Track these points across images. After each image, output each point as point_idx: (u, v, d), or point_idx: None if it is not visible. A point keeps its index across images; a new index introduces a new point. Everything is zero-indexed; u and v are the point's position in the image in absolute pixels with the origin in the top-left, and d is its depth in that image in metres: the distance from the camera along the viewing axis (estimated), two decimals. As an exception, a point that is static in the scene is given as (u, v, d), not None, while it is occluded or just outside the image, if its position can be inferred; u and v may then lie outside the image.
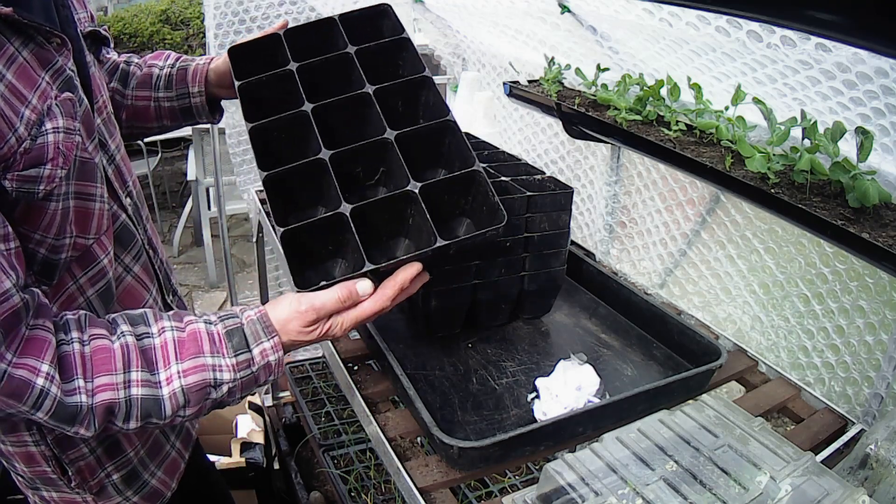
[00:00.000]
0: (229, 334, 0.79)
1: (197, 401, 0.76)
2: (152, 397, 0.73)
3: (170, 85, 1.14)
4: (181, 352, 0.76)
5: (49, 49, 0.76)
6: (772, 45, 1.12)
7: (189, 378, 0.75)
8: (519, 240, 1.19)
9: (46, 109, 0.73)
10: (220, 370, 0.77)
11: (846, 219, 1.02)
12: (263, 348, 0.79)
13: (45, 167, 0.72)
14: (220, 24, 2.23)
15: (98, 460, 0.92)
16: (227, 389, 0.78)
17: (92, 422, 0.71)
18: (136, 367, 0.73)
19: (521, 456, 1.00)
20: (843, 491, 0.83)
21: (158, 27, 5.03)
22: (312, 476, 2.25)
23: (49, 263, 0.78)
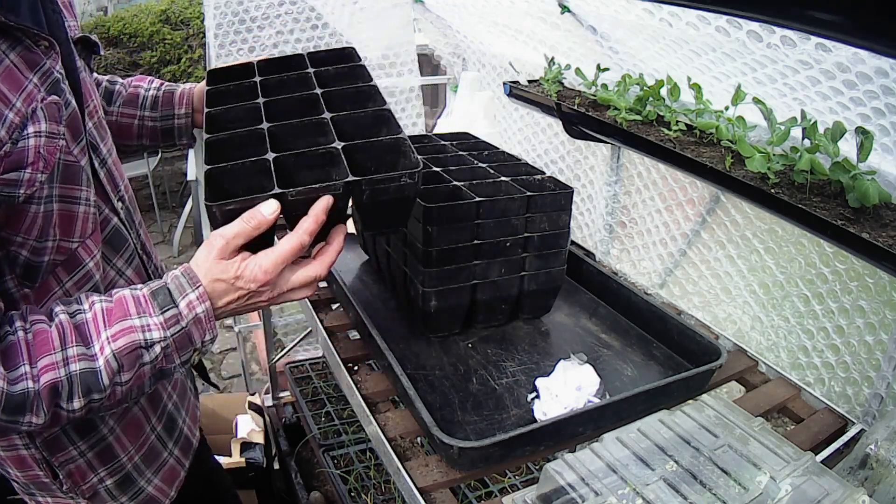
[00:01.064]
0: (154, 294, 0.78)
1: (130, 364, 0.75)
2: (89, 370, 0.73)
3: (155, 106, 1.19)
4: (109, 319, 0.75)
5: (37, 52, 0.77)
6: (772, 45, 1.12)
7: (118, 342, 0.74)
8: (519, 240, 1.20)
9: (31, 113, 0.73)
10: (148, 329, 0.76)
11: (846, 219, 1.02)
12: (189, 300, 0.78)
13: (26, 171, 0.72)
14: (220, 24, 2.23)
15: (89, 464, 0.92)
16: (161, 350, 0.77)
17: (40, 406, 0.71)
18: (71, 342, 0.73)
19: (521, 456, 1.00)
20: (843, 491, 0.83)
21: (158, 27, 5.03)
22: (312, 476, 2.25)
23: (31, 266, 0.79)
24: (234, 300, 0.81)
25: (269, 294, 0.82)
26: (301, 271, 0.83)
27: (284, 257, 0.81)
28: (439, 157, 1.37)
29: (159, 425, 1.01)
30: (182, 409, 1.08)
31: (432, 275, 1.15)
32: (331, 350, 1.25)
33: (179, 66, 5.08)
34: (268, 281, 0.80)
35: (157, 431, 1.01)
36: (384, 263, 1.39)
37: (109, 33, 4.94)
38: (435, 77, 2.79)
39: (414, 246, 1.16)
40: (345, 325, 1.33)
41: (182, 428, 1.07)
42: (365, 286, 1.46)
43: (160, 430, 1.01)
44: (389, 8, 2.38)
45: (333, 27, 2.35)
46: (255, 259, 0.80)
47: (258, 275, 0.80)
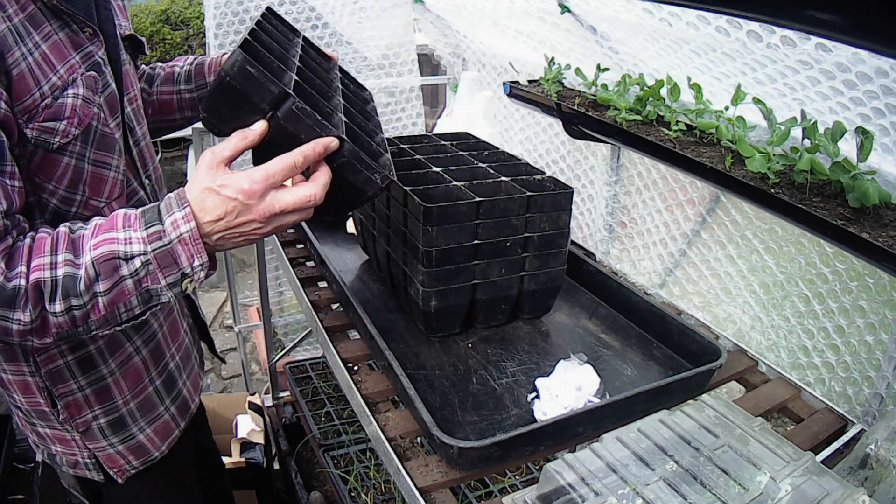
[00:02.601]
0: (144, 212, 0.81)
1: (107, 273, 0.77)
2: (71, 275, 0.77)
3: (189, 78, 1.26)
4: (98, 231, 0.80)
5: (82, 36, 0.90)
6: (772, 45, 1.12)
7: (97, 250, 0.78)
8: (519, 240, 1.20)
9: (72, 80, 0.86)
10: (129, 242, 0.78)
11: (846, 219, 1.02)
12: (174, 218, 0.79)
13: (62, 122, 0.84)
14: (220, 24, 2.23)
15: (86, 399, 1.00)
16: (142, 264, 0.78)
17: (27, 303, 0.76)
18: (62, 249, 0.78)
19: (521, 456, 1.00)
20: (843, 491, 0.83)
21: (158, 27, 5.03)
22: (312, 476, 2.25)
23: (59, 214, 0.88)
24: (222, 215, 0.80)
25: (260, 210, 0.81)
26: (294, 189, 0.83)
27: (275, 169, 0.81)
28: (439, 157, 1.37)
29: (158, 379, 1.09)
30: (184, 373, 1.15)
31: (432, 275, 1.15)
32: (331, 350, 1.25)
33: (179, 66, 5.08)
34: (254, 191, 0.80)
35: (155, 384, 1.08)
36: (384, 263, 1.39)
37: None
38: (435, 77, 2.79)
39: (414, 246, 1.16)
40: (345, 325, 1.33)
41: (181, 389, 1.14)
42: (365, 286, 1.46)
43: (159, 384, 1.09)
44: (389, 8, 2.38)
45: (333, 27, 2.35)
46: (245, 171, 0.81)
47: (244, 183, 0.79)
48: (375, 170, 0.89)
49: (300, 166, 0.83)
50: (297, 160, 0.82)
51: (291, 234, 1.72)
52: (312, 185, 0.83)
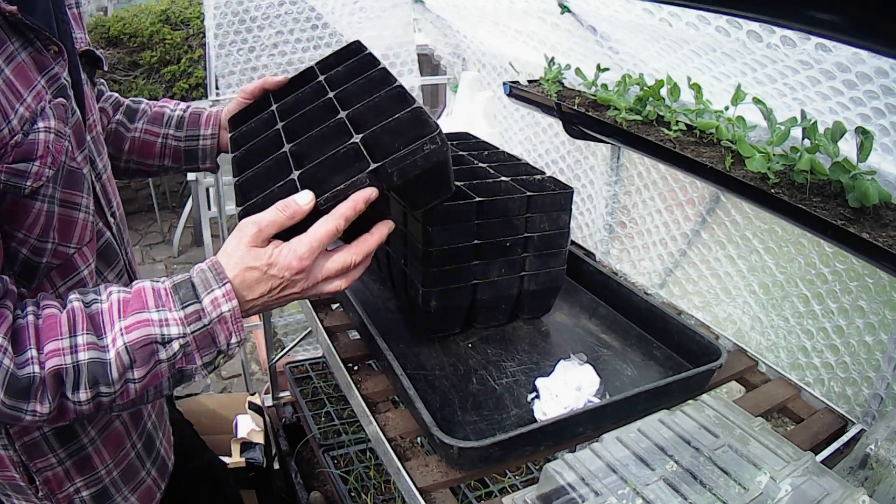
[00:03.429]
0: (176, 288, 0.75)
1: (143, 359, 0.71)
2: (98, 360, 0.70)
3: (181, 125, 1.18)
4: (125, 310, 0.72)
5: (46, 56, 0.77)
6: (772, 45, 1.12)
7: (132, 334, 0.70)
8: (519, 240, 1.20)
9: (40, 110, 0.74)
10: (166, 324, 0.72)
11: (846, 219, 1.02)
12: (214, 297, 0.74)
13: (34, 163, 0.72)
14: (220, 24, 2.23)
15: (67, 473, 0.90)
16: (180, 347, 0.73)
17: (45, 393, 0.68)
18: (82, 330, 0.70)
19: (521, 456, 1.00)
20: (843, 491, 0.83)
21: (158, 27, 5.03)
22: (312, 476, 2.25)
23: (30, 265, 0.78)
24: (266, 292, 0.77)
25: (304, 284, 0.79)
26: (335, 257, 0.80)
27: (320, 240, 0.77)
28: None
29: (139, 443, 0.99)
30: (160, 430, 1.06)
31: (432, 275, 1.15)
32: (331, 350, 1.25)
33: (179, 66, 5.08)
34: (303, 268, 0.77)
35: (136, 449, 0.99)
36: (384, 263, 1.39)
37: (109, 33, 4.94)
38: (435, 77, 2.79)
39: (414, 246, 1.16)
40: (345, 325, 1.33)
41: (160, 449, 1.05)
42: (365, 286, 1.46)
43: (140, 448, 0.99)
44: (389, 8, 2.38)
45: (333, 27, 2.35)
46: (289, 245, 0.77)
47: (292, 262, 0.76)
48: (419, 148, 0.82)
49: (341, 229, 0.79)
50: (339, 225, 0.78)
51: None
52: (352, 249, 0.81)
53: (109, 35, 4.95)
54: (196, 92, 5.12)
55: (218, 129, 1.20)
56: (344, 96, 1.02)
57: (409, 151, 0.82)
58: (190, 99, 5.10)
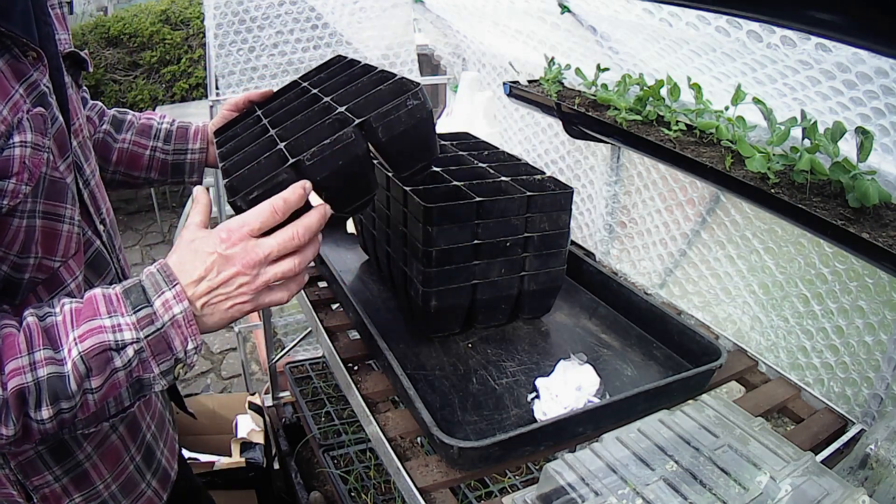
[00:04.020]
0: (127, 292, 0.72)
1: (99, 368, 0.69)
2: (57, 374, 0.68)
3: (169, 139, 1.18)
4: (77, 319, 0.70)
5: (24, 62, 0.74)
6: (772, 45, 1.12)
7: (85, 343, 0.69)
8: (519, 240, 1.20)
9: (17, 122, 0.70)
10: (119, 330, 0.70)
11: (846, 219, 1.02)
12: (165, 299, 0.72)
13: (10, 181, 0.70)
14: (220, 24, 2.23)
15: (64, 489, 0.88)
16: (135, 353, 0.70)
17: (9, 415, 0.66)
18: (38, 345, 0.68)
19: (521, 456, 1.00)
20: (843, 491, 0.83)
21: (158, 27, 5.03)
22: (312, 476, 2.26)
23: (11, 282, 0.75)
24: (203, 274, 0.73)
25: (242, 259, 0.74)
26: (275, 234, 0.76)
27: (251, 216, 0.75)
28: (439, 157, 1.37)
29: (138, 455, 0.98)
30: (160, 441, 1.04)
31: (432, 275, 1.15)
32: (331, 350, 1.25)
33: (179, 66, 5.08)
34: (231, 239, 0.74)
35: (135, 461, 0.97)
36: (384, 263, 1.39)
37: (109, 33, 4.95)
38: (435, 77, 2.80)
39: (414, 246, 1.16)
40: (345, 325, 1.33)
41: (160, 459, 1.03)
42: (365, 286, 1.46)
43: (139, 461, 0.98)
44: (389, 8, 2.38)
45: (333, 27, 2.35)
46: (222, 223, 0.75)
47: (220, 233, 0.74)
48: (402, 103, 0.84)
49: (280, 210, 0.75)
50: (276, 203, 0.75)
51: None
52: (293, 225, 0.76)
53: (109, 35, 4.95)
54: (196, 92, 5.12)
55: (206, 143, 1.21)
56: (328, 88, 1.03)
57: (392, 106, 0.83)
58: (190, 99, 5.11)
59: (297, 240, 0.76)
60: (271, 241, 0.75)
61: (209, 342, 3.86)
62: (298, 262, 0.78)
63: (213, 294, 0.74)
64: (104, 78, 4.94)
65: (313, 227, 0.78)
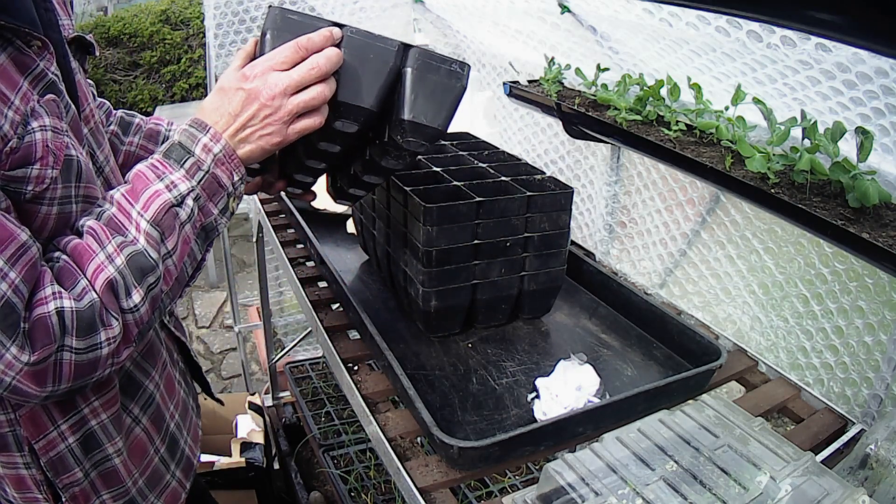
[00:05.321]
0: (167, 154, 0.78)
1: (170, 227, 0.74)
2: (135, 253, 0.72)
3: None
4: (133, 196, 0.75)
5: (28, 54, 0.73)
6: (772, 45, 1.12)
7: (150, 210, 0.73)
8: (519, 240, 1.20)
9: (30, 110, 0.71)
10: (173, 186, 0.75)
11: (846, 219, 1.02)
12: (203, 143, 0.77)
13: (34, 167, 0.70)
14: (220, 24, 2.23)
15: (93, 486, 0.87)
16: (193, 201, 0.76)
17: (108, 313, 0.70)
18: (107, 238, 0.72)
19: (521, 456, 1.00)
20: (843, 491, 0.83)
21: (158, 27, 5.03)
22: (312, 476, 2.26)
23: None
24: (231, 111, 0.79)
25: (264, 91, 0.78)
26: (297, 67, 0.79)
27: (275, 52, 0.79)
28: (439, 157, 1.37)
29: (163, 447, 0.98)
30: (184, 429, 1.04)
31: (432, 275, 1.15)
32: (331, 350, 1.25)
33: (179, 66, 5.08)
34: (255, 74, 0.78)
35: (160, 453, 0.97)
36: (384, 263, 1.39)
37: (109, 33, 4.94)
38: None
39: (414, 246, 1.16)
40: (345, 325, 1.33)
41: (184, 448, 1.04)
42: (365, 286, 1.46)
43: (164, 452, 0.98)
44: (389, 8, 2.38)
45: (333, 27, 2.35)
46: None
47: (245, 71, 0.79)
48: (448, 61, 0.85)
49: (304, 48, 0.79)
50: (301, 41, 0.79)
51: (291, 234, 1.72)
52: (313, 56, 0.79)
53: (109, 35, 4.95)
54: (196, 92, 5.12)
55: None
56: None
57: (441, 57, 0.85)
58: (190, 99, 5.11)
59: (317, 70, 0.79)
60: (291, 72, 0.78)
61: (209, 342, 3.86)
62: (321, 90, 0.80)
63: (242, 129, 0.79)
64: (104, 78, 4.94)
65: (333, 58, 0.80)
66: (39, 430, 0.80)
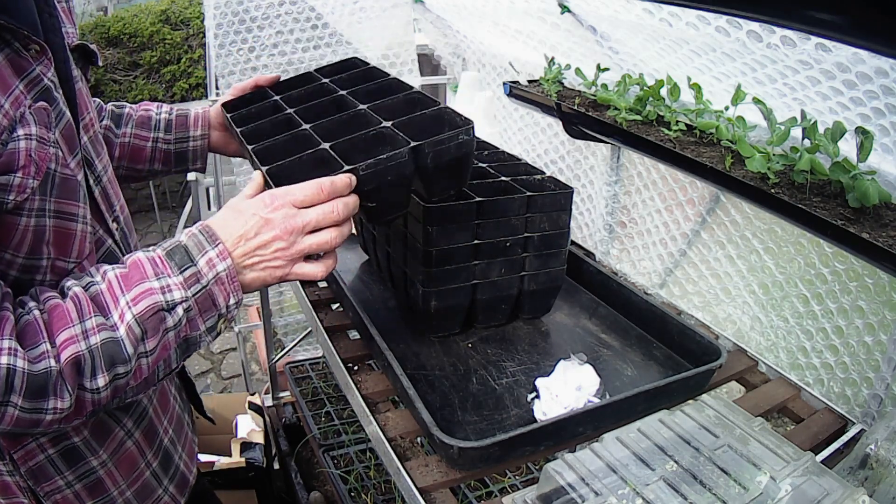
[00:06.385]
0: (170, 254, 0.75)
1: (154, 329, 0.71)
2: (111, 340, 0.69)
3: (169, 128, 1.17)
4: (126, 284, 0.72)
5: (26, 57, 0.72)
6: (772, 45, 1.12)
7: (139, 305, 0.70)
8: (519, 240, 1.20)
9: (19, 116, 0.69)
10: (168, 290, 0.72)
11: (846, 219, 1.02)
12: (209, 257, 0.74)
13: (16, 175, 0.68)
14: (220, 24, 2.23)
15: (77, 496, 0.86)
16: (184, 312, 0.73)
17: (64, 386, 0.67)
18: (89, 314, 0.69)
19: (521, 456, 1.00)
20: (843, 491, 0.83)
21: (158, 27, 5.03)
22: (312, 476, 2.26)
23: (23, 285, 0.74)
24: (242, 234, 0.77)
25: (282, 225, 0.77)
26: (317, 206, 0.79)
27: (297, 187, 0.79)
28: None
29: (155, 461, 0.96)
30: (178, 444, 1.03)
31: (432, 275, 1.15)
32: (331, 350, 1.25)
33: (179, 66, 5.08)
34: (275, 205, 0.77)
35: (152, 467, 0.95)
36: (384, 263, 1.39)
37: (109, 33, 4.94)
38: (435, 77, 2.79)
39: (414, 246, 1.16)
40: (345, 325, 1.33)
41: (178, 464, 1.01)
42: (365, 286, 1.46)
43: (156, 467, 0.96)
44: (389, 8, 2.38)
45: (333, 27, 2.35)
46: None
47: (264, 198, 0.78)
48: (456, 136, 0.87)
49: (326, 190, 0.79)
50: (324, 183, 0.79)
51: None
52: (334, 201, 0.79)
53: (109, 35, 4.95)
54: (196, 92, 5.12)
55: (208, 128, 1.19)
56: (354, 96, 1.04)
57: (446, 137, 0.87)
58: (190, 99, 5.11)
59: (337, 214, 0.80)
60: (311, 212, 0.78)
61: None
62: (335, 236, 0.81)
63: (251, 255, 0.77)
64: (104, 78, 4.94)
65: (351, 206, 0.82)
66: (17, 442, 0.79)
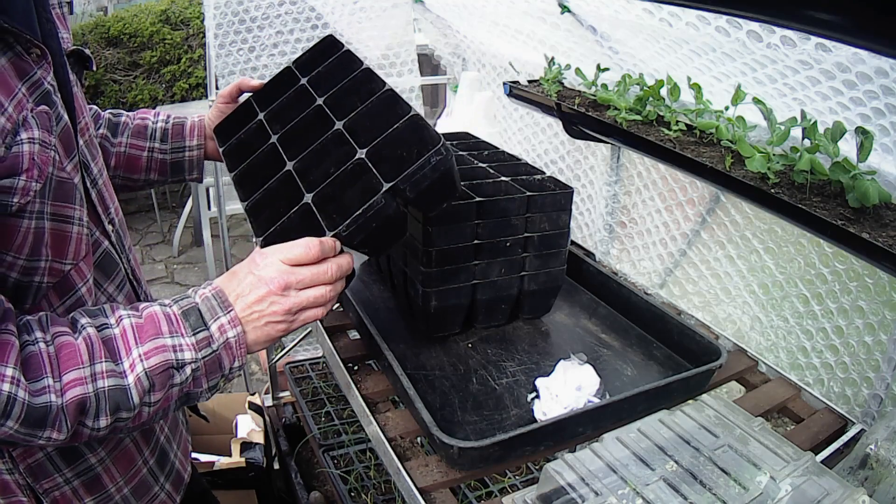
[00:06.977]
0: (185, 314, 0.77)
1: (161, 384, 0.73)
2: (118, 387, 0.71)
3: (165, 138, 1.17)
4: (140, 336, 0.74)
5: (27, 60, 0.73)
6: (772, 45, 1.12)
7: (151, 360, 0.73)
8: (519, 240, 1.20)
9: (22, 120, 0.70)
10: (180, 350, 0.74)
11: (846, 219, 1.02)
12: (221, 323, 0.77)
13: (20, 178, 0.69)
14: (220, 24, 2.23)
15: (75, 492, 0.87)
16: (191, 371, 0.75)
17: (63, 422, 0.68)
18: (99, 358, 0.71)
19: (521, 456, 1.00)
20: (843, 491, 0.83)
21: (158, 27, 5.03)
22: (312, 476, 2.25)
23: (21, 288, 0.75)
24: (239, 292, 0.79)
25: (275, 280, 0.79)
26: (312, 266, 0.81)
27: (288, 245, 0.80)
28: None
29: (151, 459, 0.97)
30: (174, 443, 1.04)
31: (432, 275, 1.15)
32: (331, 350, 1.25)
33: (179, 66, 5.08)
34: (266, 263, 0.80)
35: (149, 465, 0.97)
36: (384, 263, 1.39)
37: (109, 33, 4.94)
38: (435, 77, 2.79)
39: (414, 246, 1.16)
40: (345, 325, 1.33)
41: (174, 462, 1.03)
42: (365, 286, 1.46)
43: (153, 464, 0.98)
44: (389, 8, 2.38)
45: (333, 27, 2.35)
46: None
47: (255, 258, 0.81)
48: (426, 162, 0.86)
49: (314, 251, 0.80)
50: (312, 244, 0.80)
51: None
52: (329, 262, 0.82)
53: (109, 35, 4.95)
54: (196, 92, 5.12)
55: (204, 138, 1.19)
56: (333, 102, 1.03)
57: (417, 167, 0.85)
58: (190, 99, 5.10)
59: (330, 274, 0.82)
60: (305, 271, 0.80)
61: (209, 342, 3.85)
62: (328, 290, 0.83)
63: (249, 311, 0.79)
64: (104, 78, 4.94)
65: (345, 267, 0.84)
66: None
